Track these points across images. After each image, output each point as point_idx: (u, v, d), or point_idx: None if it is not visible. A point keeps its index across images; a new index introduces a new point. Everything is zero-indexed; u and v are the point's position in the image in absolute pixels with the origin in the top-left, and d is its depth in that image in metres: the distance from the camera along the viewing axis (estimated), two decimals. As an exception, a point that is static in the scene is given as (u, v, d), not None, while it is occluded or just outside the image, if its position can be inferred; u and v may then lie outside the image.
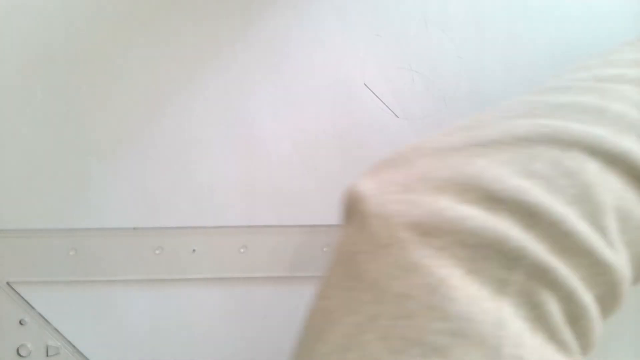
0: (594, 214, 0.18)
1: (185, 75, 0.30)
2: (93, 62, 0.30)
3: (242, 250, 0.30)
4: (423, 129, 0.30)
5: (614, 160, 0.18)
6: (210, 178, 0.30)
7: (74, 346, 0.30)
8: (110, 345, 0.30)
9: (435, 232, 0.17)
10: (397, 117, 0.30)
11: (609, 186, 0.18)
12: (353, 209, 0.19)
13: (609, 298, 0.20)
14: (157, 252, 0.30)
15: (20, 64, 0.30)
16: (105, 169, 0.30)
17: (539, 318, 0.17)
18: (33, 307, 0.30)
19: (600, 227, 0.18)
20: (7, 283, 0.30)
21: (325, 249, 0.30)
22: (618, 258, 0.18)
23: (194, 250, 0.30)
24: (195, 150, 0.30)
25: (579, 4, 0.30)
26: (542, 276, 0.17)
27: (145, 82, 0.30)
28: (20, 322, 0.30)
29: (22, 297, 0.30)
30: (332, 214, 0.29)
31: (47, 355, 0.30)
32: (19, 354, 0.30)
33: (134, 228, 0.30)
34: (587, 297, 0.18)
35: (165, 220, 0.30)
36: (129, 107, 0.30)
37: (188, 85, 0.30)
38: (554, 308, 0.17)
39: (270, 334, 0.29)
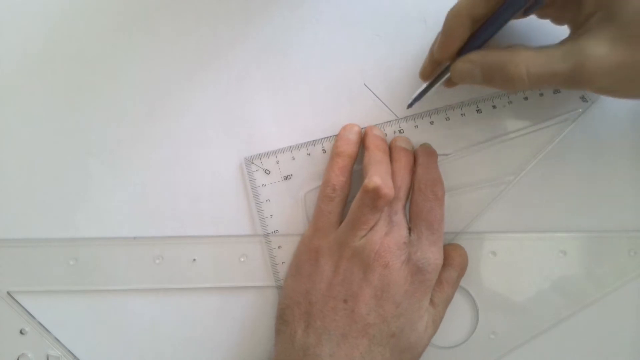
0: None
1: (184, 76, 0.32)
2: (93, 62, 0.32)
3: (242, 259, 0.31)
4: (423, 128, 0.32)
5: None
6: (211, 184, 0.32)
7: (74, 355, 0.31)
8: (110, 354, 0.31)
9: None
10: (397, 117, 0.31)
11: None
12: None
13: None
14: (157, 261, 0.31)
15: (20, 64, 0.32)
16: (106, 178, 0.32)
17: None
18: (33, 317, 0.31)
19: None
20: (8, 292, 0.31)
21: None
22: None
23: (194, 259, 0.31)
24: (195, 154, 0.32)
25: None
26: None
27: (144, 84, 0.32)
28: (21, 332, 0.31)
29: (23, 307, 0.31)
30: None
31: (48, 365, 0.31)
32: (20, 364, 0.31)
33: (134, 237, 0.31)
34: None
35: (165, 230, 0.31)
36: (128, 111, 0.32)
37: (187, 86, 0.32)
38: None
39: (272, 343, 0.30)
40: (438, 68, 0.28)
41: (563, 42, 0.25)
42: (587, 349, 0.31)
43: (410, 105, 0.30)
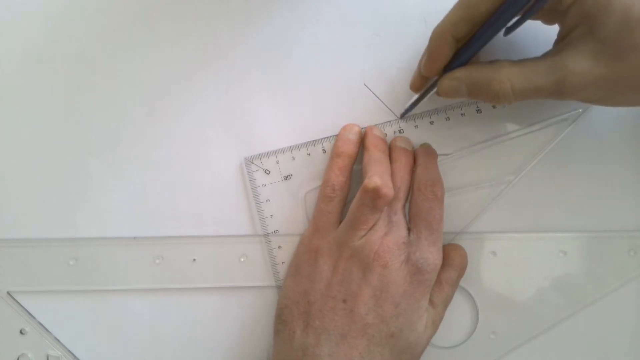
0: None
1: (184, 76, 0.32)
2: (93, 62, 0.32)
3: (242, 259, 0.32)
4: (423, 128, 0.32)
5: None
6: (211, 184, 0.32)
7: (74, 355, 0.31)
8: (110, 354, 0.32)
9: None
10: (397, 117, 0.31)
11: None
12: None
13: None
14: (157, 261, 0.31)
15: (20, 64, 0.32)
16: (106, 178, 0.32)
17: None
18: (33, 317, 0.32)
19: None
20: (8, 292, 0.31)
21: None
22: None
23: (194, 259, 0.31)
24: (195, 154, 0.32)
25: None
26: None
27: (145, 83, 0.32)
28: (21, 332, 0.31)
29: (23, 307, 0.32)
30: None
31: (48, 365, 0.31)
32: (20, 364, 0.31)
33: (134, 237, 0.31)
34: None
35: (165, 230, 0.32)
36: (128, 111, 0.32)
37: (187, 86, 0.32)
38: None
39: (272, 343, 0.30)
40: (427, 81, 0.29)
41: (546, 56, 0.25)
42: (587, 349, 0.31)
43: (402, 116, 0.31)
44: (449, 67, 0.27)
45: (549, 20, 0.27)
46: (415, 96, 0.30)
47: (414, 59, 0.31)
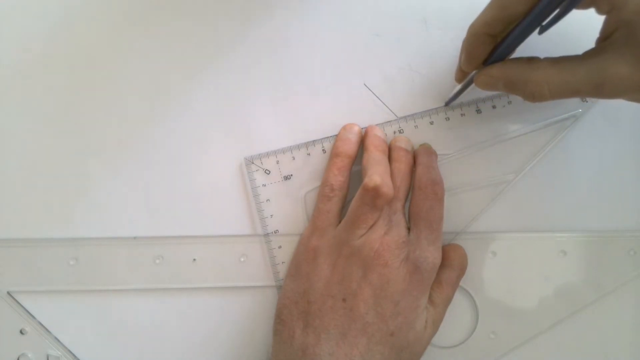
0: None
1: (185, 76, 0.32)
2: (93, 62, 0.32)
3: (242, 259, 0.32)
4: (423, 128, 0.32)
5: None
6: (211, 184, 0.32)
7: (74, 355, 0.32)
8: (110, 354, 0.32)
9: None
10: (397, 117, 0.31)
11: None
12: None
13: None
14: (157, 261, 0.31)
15: (21, 63, 0.32)
16: (106, 178, 0.32)
17: None
18: (34, 317, 0.32)
19: None
20: (8, 292, 0.32)
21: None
22: None
23: (194, 259, 0.31)
24: (195, 154, 0.32)
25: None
26: None
27: (145, 83, 0.32)
28: (21, 332, 0.32)
29: (23, 307, 0.32)
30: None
31: (48, 365, 0.31)
32: (20, 364, 0.31)
33: (134, 237, 0.32)
34: None
35: (165, 230, 0.32)
36: (128, 111, 0.32)
37: (187, 86, 0.32)
38: None
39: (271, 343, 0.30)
40: (468, 74, 0.29)
41: (586, 56, 0.25)
42: (587, 348, 0.31)
43: (447, 104, 0.31)
44: (487, 62, 0.27)
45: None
46: (458, 87, 0.30)
47: (414, 58, 0.31)
